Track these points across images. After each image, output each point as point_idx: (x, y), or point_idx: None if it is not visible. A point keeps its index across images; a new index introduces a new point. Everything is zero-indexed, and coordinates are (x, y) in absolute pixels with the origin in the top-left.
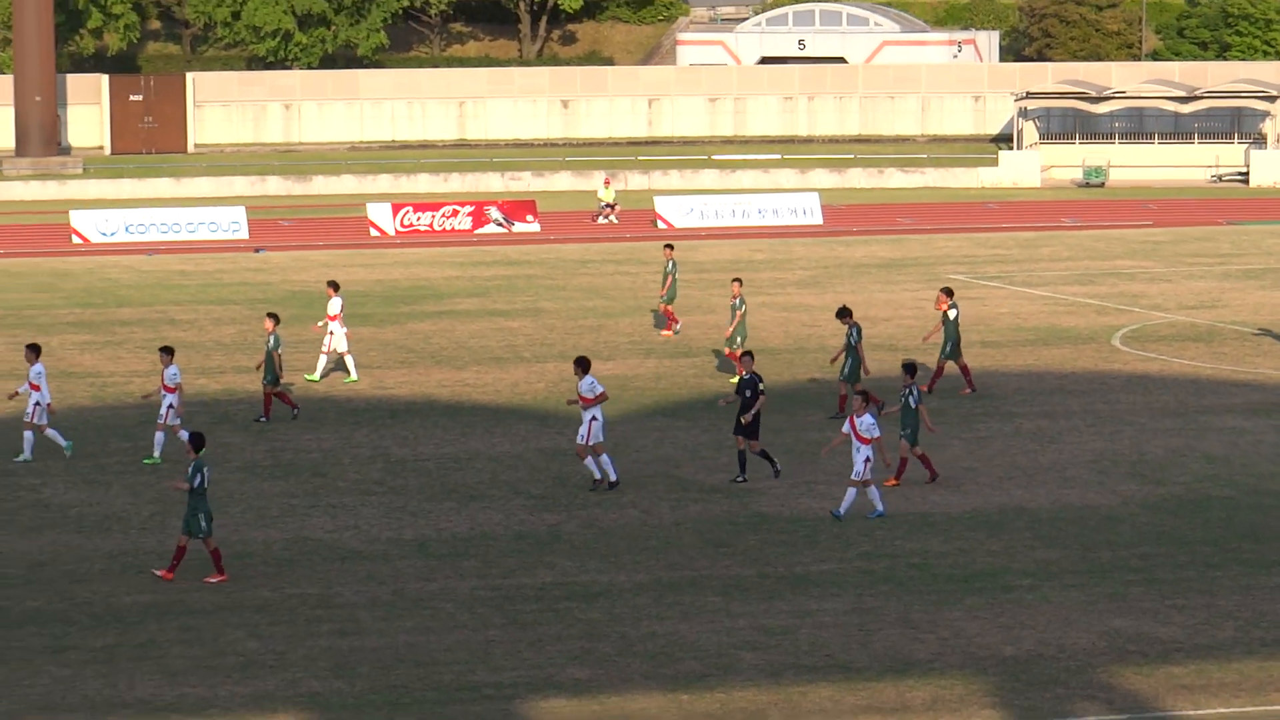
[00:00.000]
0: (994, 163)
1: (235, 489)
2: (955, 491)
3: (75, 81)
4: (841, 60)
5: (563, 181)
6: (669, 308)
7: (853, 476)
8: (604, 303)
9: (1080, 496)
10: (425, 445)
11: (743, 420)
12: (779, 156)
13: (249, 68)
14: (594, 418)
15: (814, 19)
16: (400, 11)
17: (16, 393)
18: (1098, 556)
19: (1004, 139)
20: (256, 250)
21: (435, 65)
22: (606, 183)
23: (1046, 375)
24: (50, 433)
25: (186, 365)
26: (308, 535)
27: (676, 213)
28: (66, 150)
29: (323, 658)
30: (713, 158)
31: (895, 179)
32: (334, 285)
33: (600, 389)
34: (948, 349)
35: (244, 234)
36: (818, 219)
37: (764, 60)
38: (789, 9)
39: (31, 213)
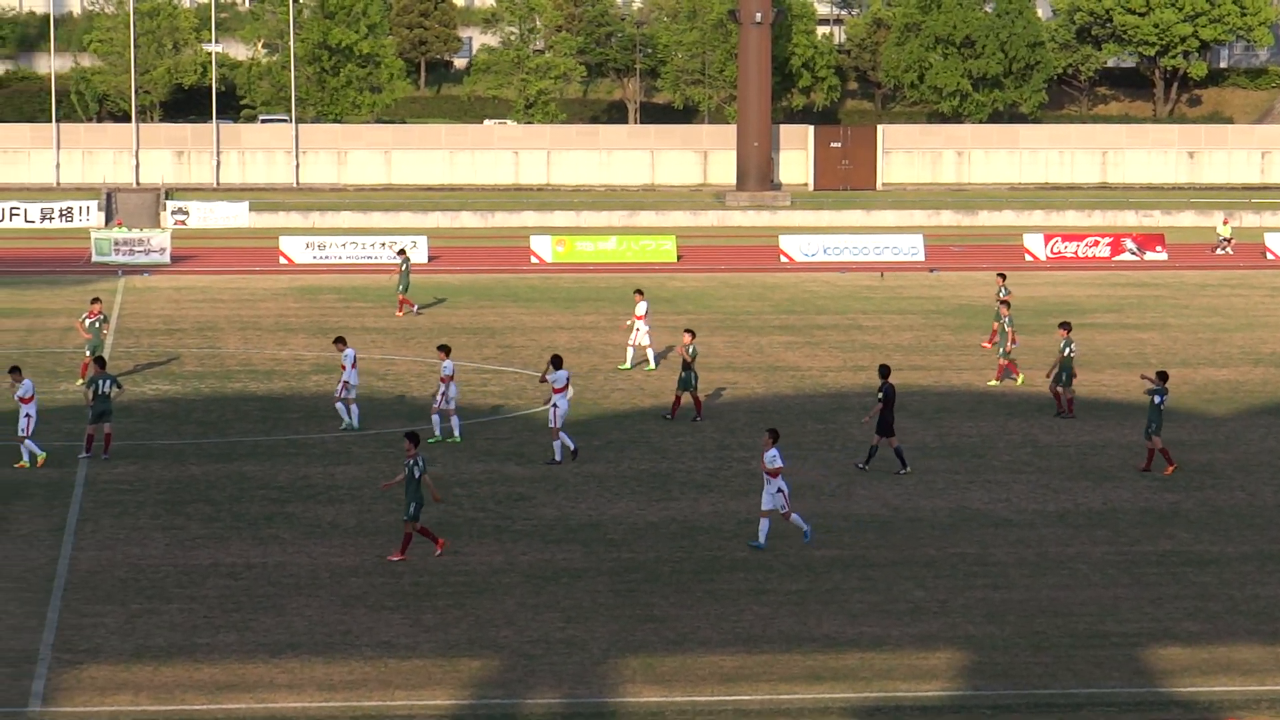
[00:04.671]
0: None
1: (911, 465)
2: None
3: (786, 131)
4: None
5: (1187, 219)
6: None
7: (768, 507)
8: (1220, 320)
9: None
10: (1067, 433)
11: (886, 421)
12: None
13: (929, 121)
14: (554, 405)
15: None
16: (1056, 77)
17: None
18: None
19: None
20: (931, 270)
21: (1082, 121)
22: (1225, 221)
23: None
24: (339, 407)
25: (870, 362)
26: (967, 505)
27: None
28: (777, 186)
29: (978, 606)
30: None
31: None
32: (640, 291)
33: (564, 380)
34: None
35: (920, 257)
36: None
37: None
38: None
39: (748, 236)
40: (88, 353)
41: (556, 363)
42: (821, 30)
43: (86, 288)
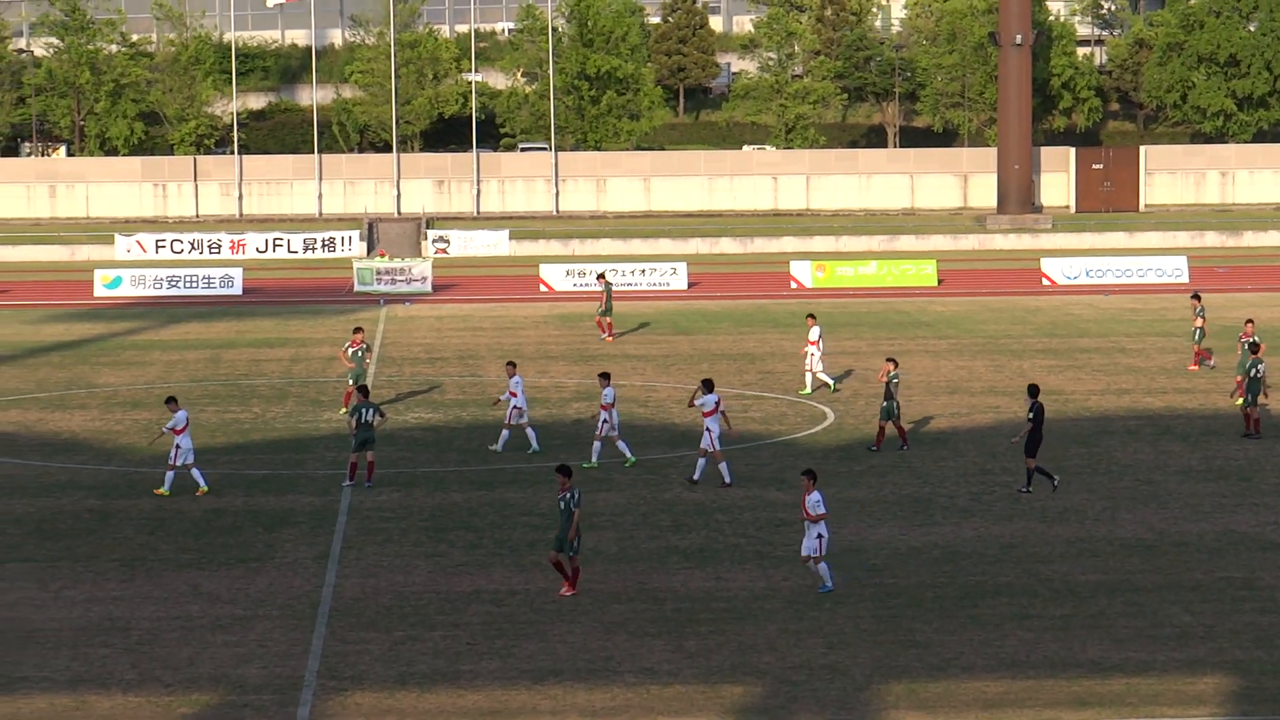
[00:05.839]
0: None
1: (1174, 489)
2: None
3: (1047, 153)
4: None
5: None
6: (1199, 348)
7: (807, 553)
8: None
9: None
10: None
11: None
12: None
13: (1192, 142)
14: (708, 428)
15: None
16: None
17: (498, 400)
18: None
19: None
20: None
21: None
22: None
23: None
24: (527, 433)
25: (1133, 386)
26: (1234, 529)
27: None
28: (1039, 209)
29: (1246, 631)
30: None
31: None
32: (812, 316)
33: (714, 403)
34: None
35: (1184, 279)
36: None
37: None
38: None
39: (1008, 260)
40: (351, 381)
41: (708, 386)
42: (1082, 51)
43: (349, 317)
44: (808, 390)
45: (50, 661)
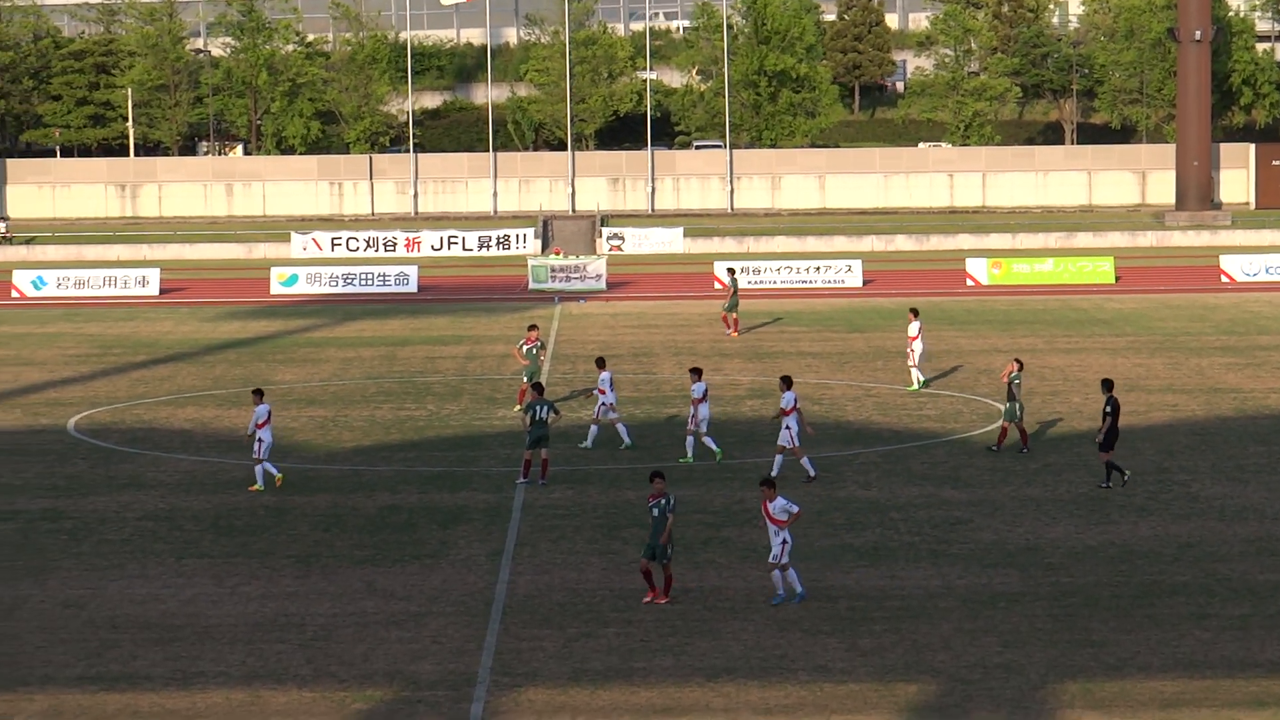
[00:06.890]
0: None
1: None
2: None
3: (1227, 149)
4: None
5: None
6: None
7: (769, 560)
8: None
9: None
10: None
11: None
12: None
13: None
14: (787, 426)
15: None
16: None
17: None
18: None
19: None
20: None
21: None
22: None
23: None
24: (619, 427)
25: None
26: None
27: None
28: (1218, 206)
29: None
30: None
31: None
32: (914, 311)
33: (791, 403)
34: None
35: None
36: None
37: None
38: None
39: (1187, 257)
40: (525, 379)
41: (787, 383)
42: (1262, 46)
43: (523, 314)
44: (915, 387)
45: (226, 656)
